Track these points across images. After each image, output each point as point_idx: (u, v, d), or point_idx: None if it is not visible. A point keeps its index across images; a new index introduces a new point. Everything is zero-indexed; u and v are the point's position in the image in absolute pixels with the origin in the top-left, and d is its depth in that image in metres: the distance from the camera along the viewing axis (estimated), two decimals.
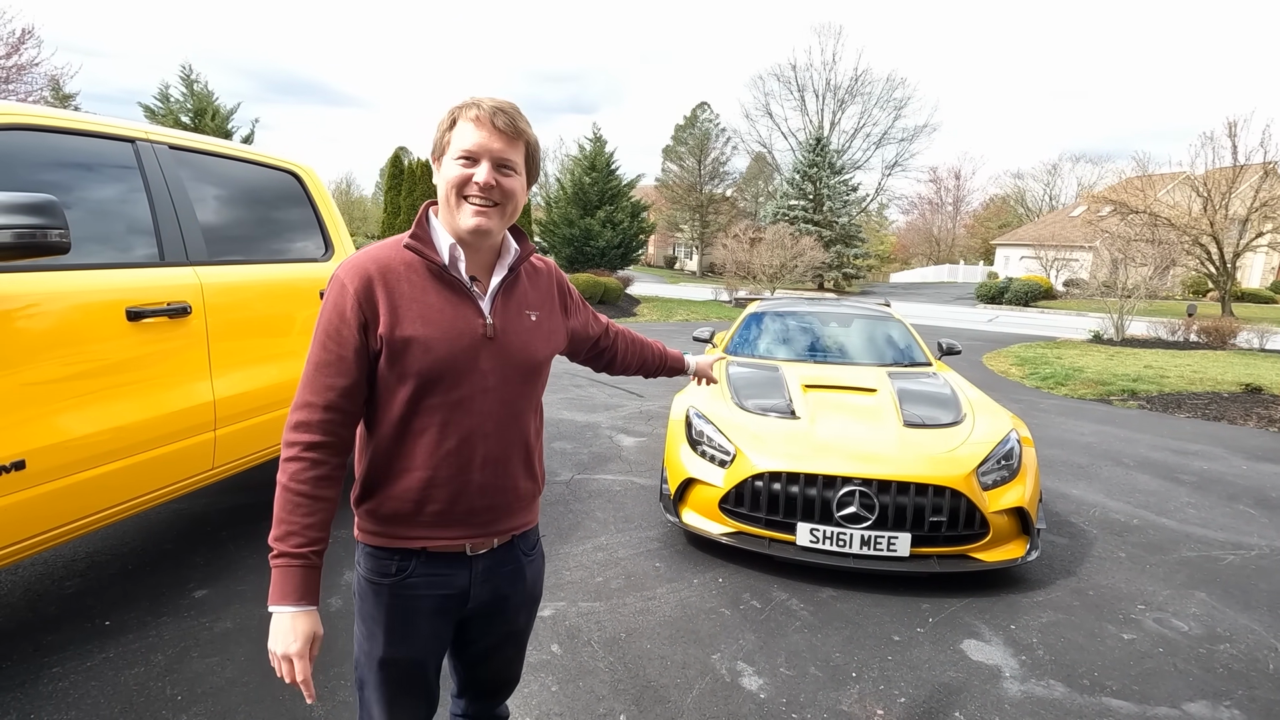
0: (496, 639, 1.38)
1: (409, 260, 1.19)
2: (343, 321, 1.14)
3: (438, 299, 1.18)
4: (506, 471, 1.26)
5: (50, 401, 2.03)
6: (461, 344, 1.17)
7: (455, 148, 1.16)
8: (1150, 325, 14.54)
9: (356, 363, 1.15)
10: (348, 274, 1.15)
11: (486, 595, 1.30)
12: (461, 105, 1.17)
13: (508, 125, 1.15)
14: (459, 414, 1.18)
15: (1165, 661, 2.62)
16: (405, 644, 1.25)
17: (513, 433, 1.26)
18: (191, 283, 2.54)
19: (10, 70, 18.07)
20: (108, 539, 3.31)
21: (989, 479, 3.19)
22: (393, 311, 1.14)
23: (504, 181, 1.17)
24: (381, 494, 1.21)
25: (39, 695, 2.16)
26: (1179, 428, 6.68)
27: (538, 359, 1.29)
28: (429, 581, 1.23)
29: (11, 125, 2.07)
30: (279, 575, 1.13)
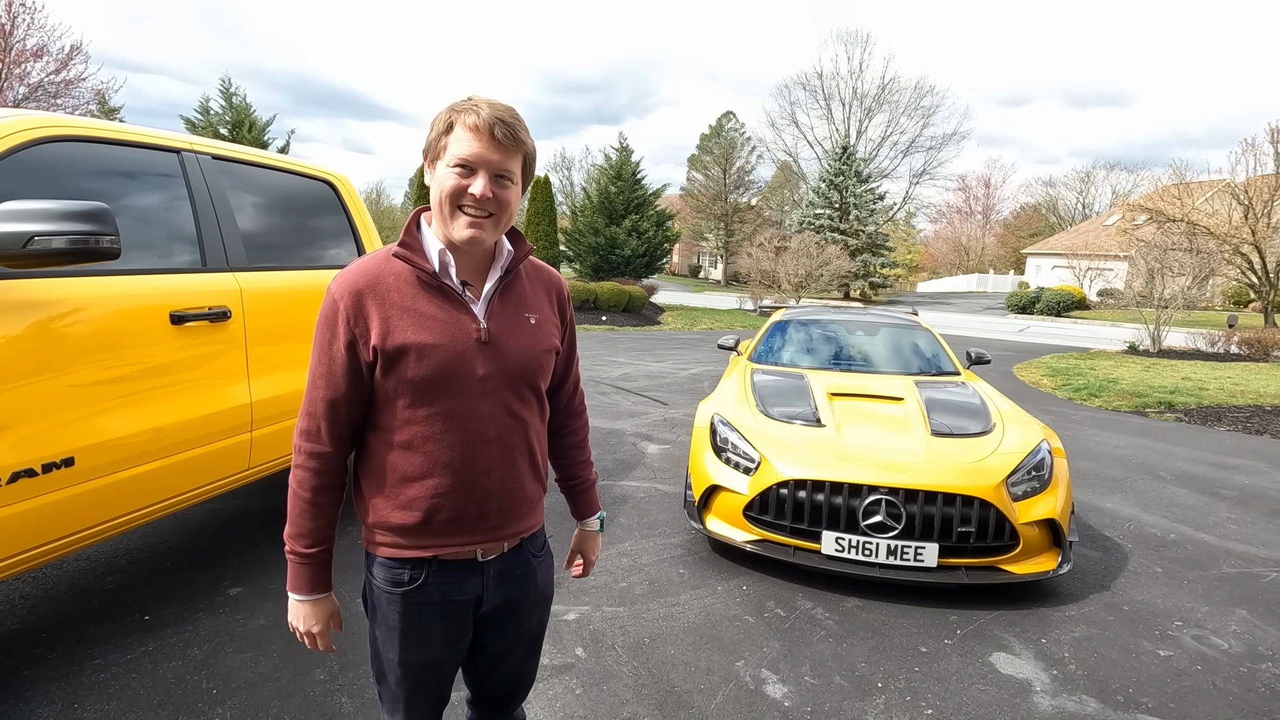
0: (510, 642, 1.38)
1: (399, 270, 1.18)
2: (333, 336, 1.15)
3: (430, 306, 1.17)
4: (513, 475, 1.25)
5: (97, 401, 2.11)
6: (456, 350, 1.16)
7: (451, 155, 1.12)
8: (1188, 336, 14.14)
9: (346, 377, 1.16)
10: (339, 289, 1.15)
11: (499, 599, 1.30)
12: (460, 110, 1.13)
13: (507, 136, 1.12)
14: (459, 421, 1.18)
15: (1204, 679, 2.55)
16: (421, 650, 1.26)
17: (516, 436, 1.24)
18: (231, 288, 2.63)
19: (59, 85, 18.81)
20: (146, 537, 3.41)
21: (1019, 490, 3.14)
22: (384, 322, 1.14)
23: (500, 193, 1.15)
24: (388, 506, 1.21)
25: (82, 685, 2.23)
26: (1219, 441, 6.49)
27: (537, 361, 1.26)
28: (442, 589, 1.24)
29: (69, 137, 2.17)
30: (294, 570, 1.24)
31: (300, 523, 1.22)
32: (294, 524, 1.22)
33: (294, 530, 1.22)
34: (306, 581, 1.24)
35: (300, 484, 1.21)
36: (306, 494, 1.20)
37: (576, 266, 26.26)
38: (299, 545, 1.22)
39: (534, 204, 20.37)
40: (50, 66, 18.53)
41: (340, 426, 1.20)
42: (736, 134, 43.31)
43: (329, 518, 1.24)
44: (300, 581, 1.24)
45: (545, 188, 20.58)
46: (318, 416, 1.19)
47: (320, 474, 1.20)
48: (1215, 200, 22.21)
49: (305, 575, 1.23)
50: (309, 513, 1.21)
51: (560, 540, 3.58)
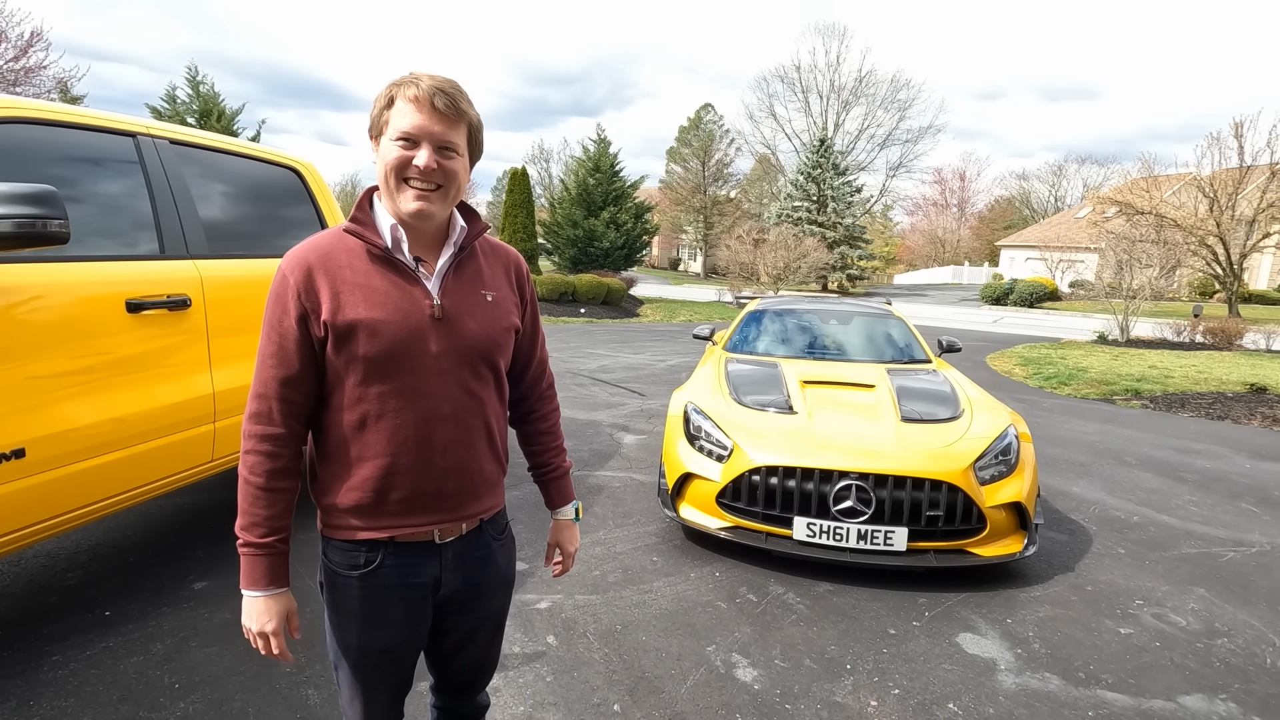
0: (471, 626, 1.36)
1: (351, 246, 1.16)
2: (284, 313, 1.13)
3: (382, 282, 1.15)
4: (470, 454, 1.23)
5: (50, 391, 2.05)
6: (408, 326, 1.14)
7: (394, 128, 1.11)
8: (1156, 326, 14.47)
9: (298, 354, 1.13)
10: (289, 265, 1.14)
11: (459, 582, 1.28)
12: (399, 83, 1.12)
13: (448, 106, 1.11)
14: (413, 398, 1.16)
15: (1162, 655, 2.62)
16: (378, 633, 1.24)
17: (473, 415, 1.22)
18: (192, 275, 2.57)
19: (19, 73, 18.22)
20: (110, 532, 3.34)
21: (986, 474, 3.18)
22: (335, 297, 1.12)
23: (445, 164, 1.13)
24: (342, 485, 1.18)
25: (39, 683, 2.18)
26: (1182, 427, 6.65)
27: (494, 339, 1.24)
28: (399, 571, 1.22)
29: (14, 118, 2.10)
30: (248, 563, 1.17)
31: (253, 511, 1.16)
32: (246, 513, 1.16)
33: (246, 520, 1.16)
34: (262, 574, 1.17)
35: (251, 470, 1.15)
36: (259, 479, 1.15)
37: (555, 259, 26.14)
38: (253, 535, 1.16)
39: (512, 196, 20.20)
40: (9, 53, 17.95)
41: (293, 406, 1.16)
42: (715, 126, 43.32)
43: (284, 505, 1.18)
44: (255, 575, 1.17)
45: (523, 179, 20.41)
46: (269, 397, 1.15)
47: (273, 457, 1.15)
48: (1182, 193, 22.70)
49: (260, 568, 1.17)
50: (262, 500, 1.15)
51: (529, 528, 3.58)
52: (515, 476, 4.41)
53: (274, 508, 1.16)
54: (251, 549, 1.17)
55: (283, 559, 1.20)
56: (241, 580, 1.18)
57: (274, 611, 1.19)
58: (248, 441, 1.16)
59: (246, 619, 1.19)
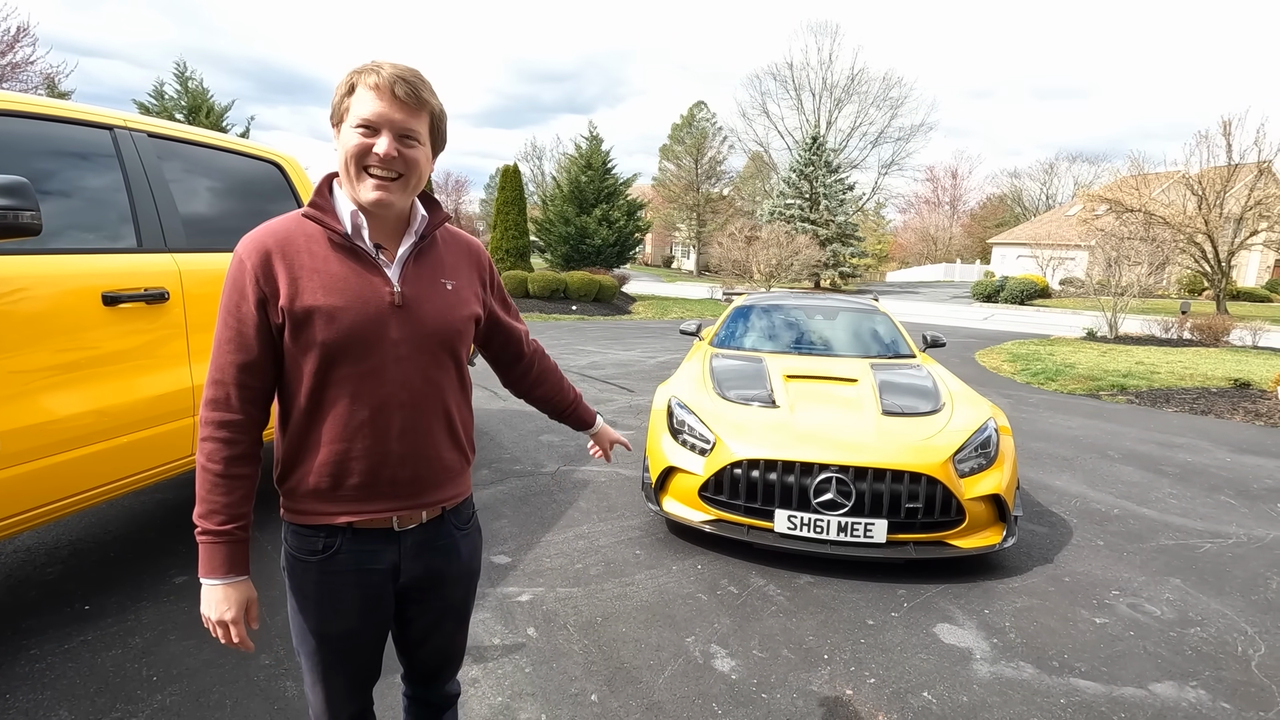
0: (435, 615, 1.36)
1: (310, 231, 1.16)
2: (241, 298, 1.12)
3: (341, 268, 1.15)
4: (428, 442, 1.23)
5: (23, 384, 2.05)
6: (368, 313, 1.14)
7: (354, 115, 1.11)
8: (1144, 323, 14.56)
9: (257, 339, 1.13)
10: (246, 249, 1.13)
11: (419, 570, 1.28)
12: (360, 70, 1.12)
13: (409, 95, 1.11)
14: (370, 384, 1.16)
15: (1135, 644, 2.65)
16: (337, 619, 1.24)
17: (432, 402, 1.23)
18: (170, 269, 2.56)
19: (5, 68, 18.07)
20: (91, 527, 3.33)
21: (965, 466, 3.21)
22: (293, 283, 1.12)
23: (406, 153, 1.13)
24: (300, 470, 1.19)
25: (15, 676, 2.18)
26: (1166, 422, 6.71)
27: (454, 327, 1.25)
28: (356, 557, 1.22)
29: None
30: (206, 551, 1.16)
31: (211, 499, 1.14)
32: (204, 500, 1.15)
33: (205, 508, 1.15)
34: (221, 562, 1.15)
35: (209, 457, 1.14)
36: (217, 466, 1.14)
37: (548, 256, 26.11)
38: (211, 523, 1.15)
39: (504, 193, 20.17)
40: None
41: (251, 392, 1.15)
42: (708, 124, 43.31)
43: (243, 492, 1.17)
44: (214, 563, 1.15)
45: (515, 177, 20.37)
46: (226, 384, 1.14)
47: (231, 443, 1.14)
48: (1171, 191, 22.86)
49: (219, 555, 1.15)
50: (221, 487, 1.14)
51: (513, 522, 3.59)
52: (500, 472, 4.42)
53: (232, 495, 1.15)
54: (210, 537, 1.15)
55: (242, 547, 1.18)
56: (200, 569, 1.17)
57: (233, 600, 1.17)
58: (205, 428, 1.15)
59: (205, 608, 1.18)
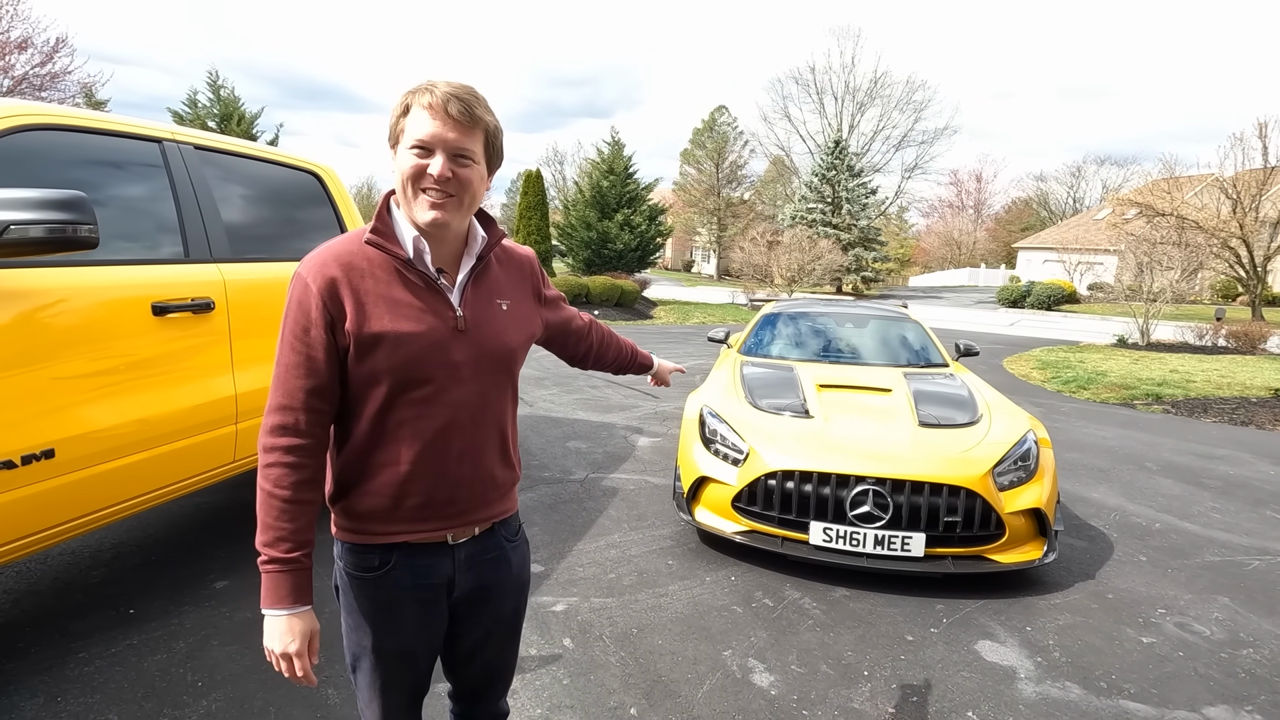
0: (486, 628, 1.35)
1: (372, 255, 1.15)
2: (310, 322, 1.11)
3: (405, 294, 1.15)
4: (482, 462, 1.24)
5: (78, 393, 2.09)
6: (432, 339, 1.15)
7: (409, 136, 1.11)
8: (1177, 329, 14.25)
9: (327, 363, 1.12)
10: (310, 272, 1.12)
11: (472, 584, 1.28)
12: (415, 90, 1.12)
13: (463, 113, 1.10)
14: (433, 408, 1.16)
15: (1185, 665, 2.58)
16: (392, 636, 1.24)
17: (488, 423, 1.24)
18: (215, 279, 2.61)
19: (44, 78, 18.57)
20: (131, 530, 3.39)
21: (1005, 479, 3.15)
22: (359, 309, 1.11)
23: (460, 172, 1.12)
24: (357, 491, 1.19)
25: (66, 679, 2.22)
26: (1204, 432, 6.54)
27: (511, 347, 1.26)
28: (412, 573, 1.22)
29: (47, 125, 2.14)
30: (272, 580, 1.13)
31: (278, 525, 1.12)
32: (270, 528, 1.12)
33: (271, 535, 1.12)
34: (287, 592, 1.13)
35: (276, 483, 1.12)
36: (285, 492, 1.12)
37: (569, 261, 26.20)
38: (278, 550, 1.12)
39: (526, 198, 20.29)
40: (35, 59, 18.30)
41: (321, 415, 1.15)
42: (729, 128, 43.23)
43: (310, 517, 1.16)
44: (280, 593, 1.13)
45: (537, 181, 20.49)
46: (295, 409, 1.13)
47: (300, 468, 1.13)
48: (1204, 194, 22.34)
49: (285, 585, 1.13)
50: (289, 513, 1.12)
51: (544, 530, 3.59)
52: (529, 479, 4.43)
53: (299, 520, 1.14)
54: (278, 565, 1.13)
55: (307, 575, 1.16)
56: (263, 599, 1.14)
57: (297, 631, 1.14)
58: (270, 454, 1.13)
59: (269, 640, 1.15)
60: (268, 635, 1.15)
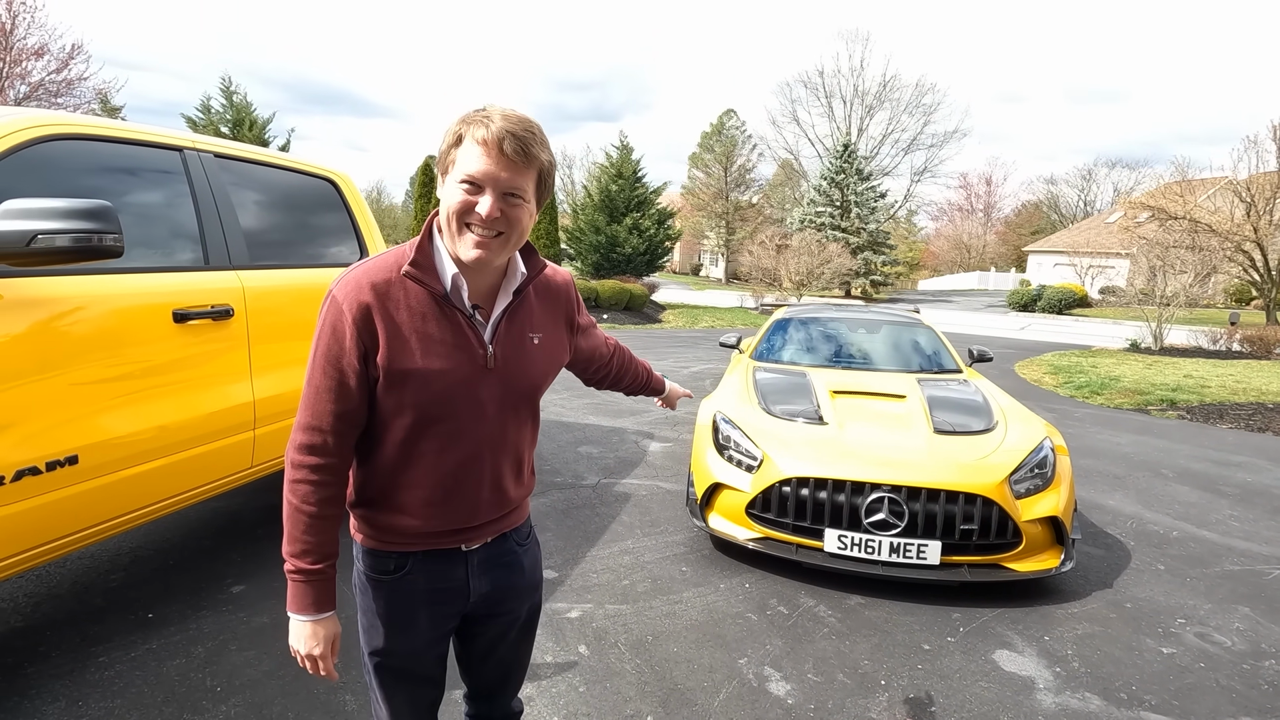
0: (502, 628, 1.38)
1: (409, 286, 1.13)
2: (342, 350, 1.11)
3: (438, 329, 1.13)
4: (500, 486, 1.27)
5: (101, 399, 2.11)
6: (460, 376, 1.15)
7: (459, 169, 1.07)
8: (1190, 334, 14.13)
9: (358, 388, 1.13)
10: (346, 298, 1.10)
11: (486, 587, 1.31)
12: (469, 121, 1.07)
13: (518, 152, 1.05)
14: (456, 441, 1.18)
15: (1207, 677, 2.55)
16: (406, 637, 1.27)
17: (507, 451, 1.26)
18: (234, 286, 2.63)
19: (60, 84, 18.80)
20: (149, 534, 3.41)
21: (1022, 487, 3.13)
22: (391, 341, 1.10)
23: (510, 212, 1.08)
24: (377, 505, 1.22)
25: (86, 683, 2.24)
26: (1221, 439, 6.48)
27: (537, 383, 1.27)
28: (427, 577, 1.25)
29: (71, 135, 2.17)
30: (297, 589, 1.17)
31: (304, 539, 1.16)
32: (297, 540, 1.16)
33: (298, 547, 1.16)
34: (312, 600, 1.18)
35: (304, 499, 1.15)
36: (311, 507, 1.15)
37: (578, 265, 26.24)
38: (304, 562, 1.16)
39: None
40: (51, 65, 18.54)
41: (348, 437, 1.17)
42: (738, 132, 43.27)
43: (334, 530, 1.19)
44: (305, 601, 1.18)
45: None
46: (324, 431, 1.14)
47: (326, 485, 1.16)
48: (1217, 198, 22.16)
49: (311, 594, 1.18)
50: (315, 527, 1.16)
51: (557, 535, 3.59)
52: (541, 484, 4.43)
53: (324, 534, 1.17)
54: (303, 576, 1.17)
55: (330, 584, 1.21)
56: (289, 604, 1.19)
57: (321, 636, 1.20)
58: (299, 471, 1.15)
59: (295, 641, 1.20)
60: (293, 636, 1.20)
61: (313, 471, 1.14)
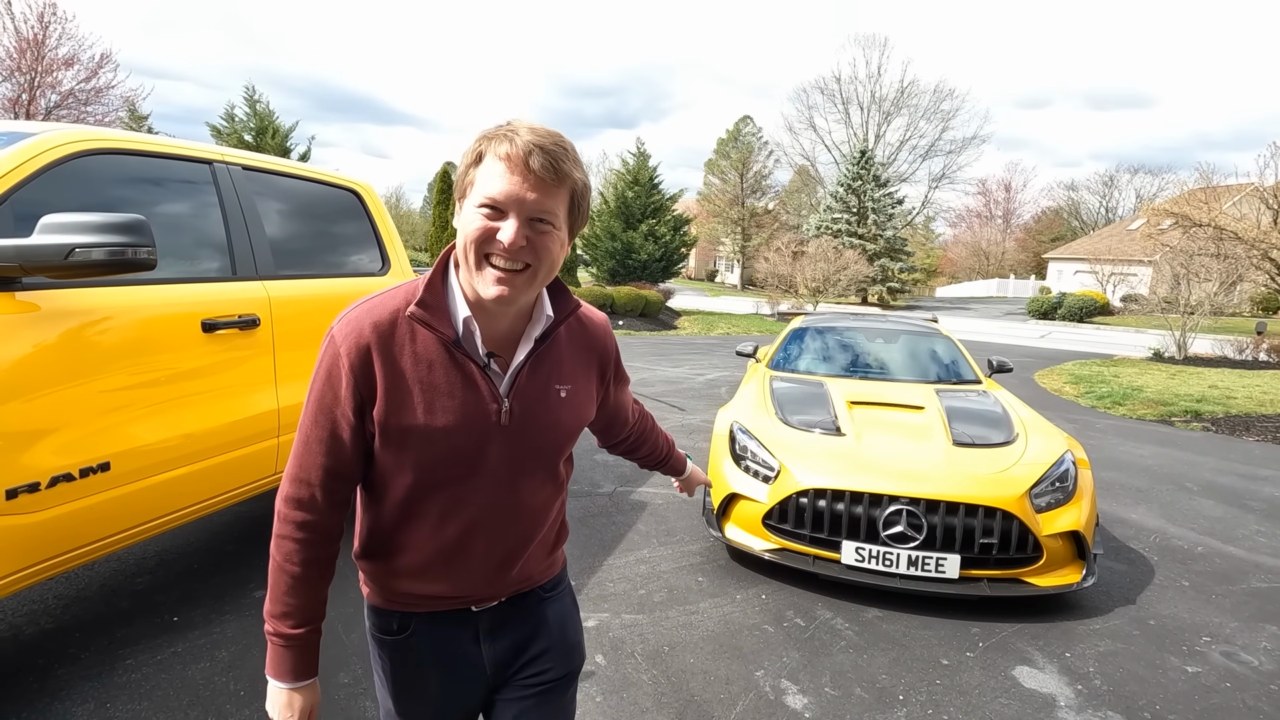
0: (533, 697, 1.16)
1: (415, 330, 0.98)
2: (336, 399, 0.98)
3: (445, 379, 0.98)
4: (515, 555, 1.11)
5: (133, 407, 2.16)
6: (468, 434, 1.00)
7: (479, 192, 0.91)
8: (1215, 343, 13.90)
9: (351, 443, 1.00)
10: (345, 342, 0.96)
11: (504, 651, 1.14)
12: (491, 136, 0.92)
13: (547, 168, 0.89)
14: (460, 506, 1.03)
15: (1233, 697, 2.51)
16: (417, 703, 1.14)
17: (522, 519, 1.09)
18: (260, 296, 2.68)
19: (89, 92, 19.24)
20: (174, 539, 3.47)
21: (1043, 501, 3.10)
22: (390, 392, 0.96)
23: (538, 240, 0.93)
24: (379, 560, 1.10)
25: (114, 685, 2.28)
26: (1247, 451, 6.36)
27: (560, 443, 1.09)
28: (433, 640, 1.12)
29: (107, 150, 2.23)
30: (276, 653, 1.05)
31: (286, 600, 1.03)
32: (278, 601, 1.03)
33: (278, 609, 1.03)
34: (289, 668, 1.04)
35: (288, 557, 1.02)
36: (295, 568, 1.02)
37: (593, 271, 26.37)
38: (284, 625, 1.03)
39: None
40: (81, 75, 18.99)
41: (338, 496, 1.04)
42: (754, 138, 43.27)
43: (321, 592, 1.06)
44: (284, 667, 1.04)
45: None
46: (312, 485, 1.01)
47: (311, 545, 1.03)
48: (1243, 204, 21.80)
49: (288, 660, 1.04)
50: (297, 589, 1.03)
51: (571, 543, 3.61)
52: None
53: (308, 596, 1.05)
54: (281, 640, 1.04)
55: (312, 650, 1.07)
56: (268, 666, 1.06)
57: (296, 706, 1.06)
58: (284, 525, 1.03)
59: (270, 707, 1.08)
60: (270, 701, 1.08)
61: (298, 529, 1.03)
